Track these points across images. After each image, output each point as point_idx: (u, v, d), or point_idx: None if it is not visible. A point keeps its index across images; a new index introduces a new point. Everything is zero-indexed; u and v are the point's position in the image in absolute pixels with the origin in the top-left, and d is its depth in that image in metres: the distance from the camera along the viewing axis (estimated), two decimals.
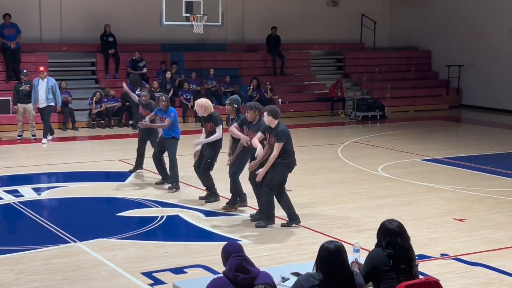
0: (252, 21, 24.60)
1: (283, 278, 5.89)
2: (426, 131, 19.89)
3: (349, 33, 26.28)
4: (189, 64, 22.56)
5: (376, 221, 9.26)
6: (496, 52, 24.09)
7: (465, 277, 7.93)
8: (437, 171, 14.10)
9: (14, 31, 19.76)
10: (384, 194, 11.90)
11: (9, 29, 19.75)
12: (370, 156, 15.56)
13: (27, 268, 8.09)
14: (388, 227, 5.69)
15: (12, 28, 19.78)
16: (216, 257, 8.21)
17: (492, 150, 16.49)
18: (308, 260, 7.63)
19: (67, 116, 18.98)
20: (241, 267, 4.95)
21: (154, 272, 7.96)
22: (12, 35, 19.71)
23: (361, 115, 22.12)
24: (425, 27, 26.55)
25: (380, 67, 25.71)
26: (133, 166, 13.34)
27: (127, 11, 22.48)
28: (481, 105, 24.55)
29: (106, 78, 21.35)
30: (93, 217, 10.57)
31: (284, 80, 23.55)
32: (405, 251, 5.63)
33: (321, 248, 5.23)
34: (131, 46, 21.82)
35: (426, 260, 8.32)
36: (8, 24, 19.77)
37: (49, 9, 21.58)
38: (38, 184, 12.54)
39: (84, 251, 8.75)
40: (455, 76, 25.36)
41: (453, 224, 10.13)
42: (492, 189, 12.38)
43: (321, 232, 9.59)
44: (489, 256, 8.67)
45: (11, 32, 19.73)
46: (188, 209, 10.75)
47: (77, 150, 16.67)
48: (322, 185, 12.58)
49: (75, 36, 21.92)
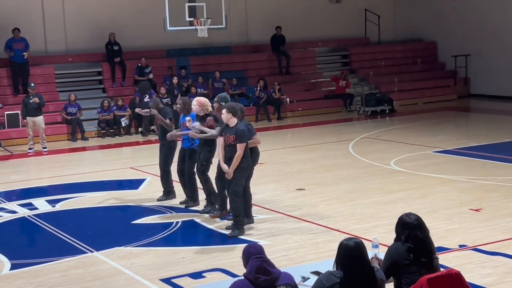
0: (255, 22, 24.59)
1: (304, 277, 5.86)
2: (436, 122, 19.82)
3: (353, 28, 26.24)
4: (195, 69, 22.56)
5: (392, 215, 9.27)
6: (501, 40, 23.98)
7: (485, 267, 7.88)
8: (449, 162, 14.04)
9: (23, 45, 19.84)
10: (398, 188, 11.85)
11: (18, 43, 19.82)
12: (381, 151, 15.51)
13: (46, 281, 8.09)
14: (406, 220, 5.65)
15: (21, 42, 19.86)
16: (234, 259, 8.23)
17: (503, 138, 16.41)
18: (326, 258, 7.63)
19: (75, 126, 19.01)
20: (262, 268, 4.92)
21: (172, 278, 7.94)
22: (21, 49, 19.77)
23: (370, 110, 22.07)
24: (429, 18, 26.46)
25: (386, 61, 25.64)
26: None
27: (131, 18, 22.51)
28: (490, 94, 24.44)
29: (113, 87, 21.37)
30: (108, 226, 10.57)
31: (290, 80, 23.52)
32: (425, 244, 5.59)
33: (340, 245, 5.20)
34: (137, 53, 21.85)
35: (445, 252, 8.27)
36: (18, 38, 19.85)
37: (53, 21, 21.64)
38: (52, 196, 12.54)
39: (102, 260, 8.75)
40: (462, 66, 25.25)
41: (469, 214, 10.08)
42: (507, 177, 12.32)
43: (337, 229, 9.55)
44: (508, 245, 8.61)
45: (20, 46, 19.79)
46: (203, 213, 10.72)
47: (88, 160, 16.69)
48: (335, 182, 12.54)
49: (80, 47, 21.97)
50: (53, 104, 19.82)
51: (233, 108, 9.30)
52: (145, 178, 13.49)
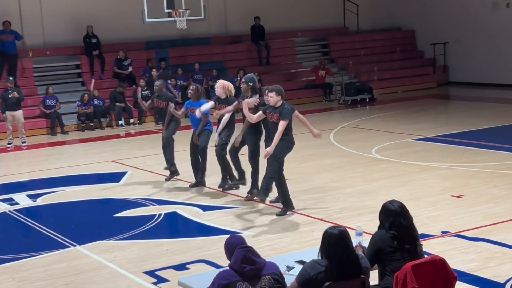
0: (234, 13, 24.51)
1: (288, 267, 5.85)
2: (416, 110, 19.90)
3: (332, 18, 26.24)
4: (174, 60, 22.46)
5: (375, 203, 9.30)
6: (479, 27, 24.10)
7: (468, 253, 7.93)
8: (430, 149, 14.10)
9: (13, 37, 19.68)
10: (380, 176, 11.88)
11: (8, 35, 19.67)
12: (362, 140, 15.55)
13: (29, 276, 8.03)
14: (390, 208, 5.66)
15: (11, 34, 19.71)
16: (217, 251, 8.21)
17: (483, 125, 16.51)
18: (310, 247, 7.64)
19: (55, 120, 18.88)
20: (247, 258, 4.91)
21: (156, 271, 7.92)
22: (11, 41, 19.65)
23: (350, 99, 22.12)
24: (407, 7, 26.53)
25: (365, 50, 25.66)
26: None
27: (109, 11, 22.34)
28: (468, 81, 24.57)
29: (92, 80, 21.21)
30: (90, 219, 10.50)
31: (270, 70, 23.50)
32: (409, 231, 5.61)
33: (324, 234, 5.21)
34: (115, 46, 21.70)
35: (428, 239, 8.31)
36: (8, 30, 19.70)
37: (29, 14, 21.43)
38: (33, 191, 12.44)
39: (84, 254, 8.70)
40: (441, 54, 25.36)
41: (451, 201, 10.13)
42: (487, 163, 12.40)
43: (320, 218, 9.57)
44: (490, 230, 8.67)
45: (10, 39, 19.64)
46: (185, 205, 10.71)
47: (68, 154, 16.58)
48: (317, 172, 12.56)
49: (58, 40, 21.79)
50: (31, 98, 19.64)
51: (281, 90, 9.68)
52: (127, 171, 13.42)
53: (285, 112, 9.53)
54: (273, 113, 9.60)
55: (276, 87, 9.69)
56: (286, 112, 9.54)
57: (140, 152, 15.30)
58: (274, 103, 9.57)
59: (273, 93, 9.57)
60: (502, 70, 23.45)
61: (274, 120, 9.58)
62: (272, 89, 9.64)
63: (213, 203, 10.77)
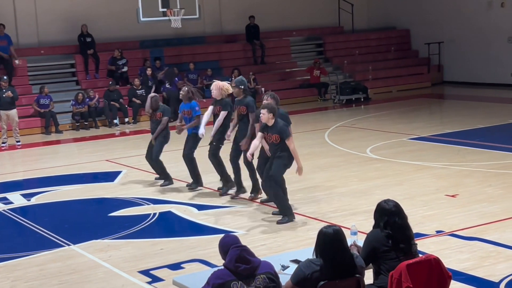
0: (229, 12, 24.49)
1: (283, 266, 5.85)
2: (410, 110, 19.92)
3: (327, 17, 26.24)
4: (169, 59, 22.42)
5: (370, 203, 9.31)
6: (474, 26, 24.12)
7: (462, 252, 7.94)
8: (425, 149, 14.11)
9: (6, 42, 19.65)
10: (374, 176, 11.89)
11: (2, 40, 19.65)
12: (357, 139, 15.56)
13: (23, 275, 8.01)
14: (385, 207, 5.66)
15: (4, 39, 19.67)
16: (212, 250, 8.20)
17: (477, 124, 16.53)
18: (304, 246, 7.63)
19: (49, 119, 18.84)
20: (242, 257, 4.91)
21: (151, 270, 7.91)
22: (4, 46, 19.59)
23: (345, 99, 22.13)
24: (402, 6, 26.55)
25: (360, 49, 25.67)
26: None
27: (104, 10, 22.30)
28: (463, 80, 24.60)
29: (86, 79, 21.20)
30: (85, 219, 10.49)
31: (265, 69, 23.48)
32: (404, 230, 5.61)
33: (319, 233, 5.20)
34: (110, 45, 21.68)
35: (422, 238, 8.32)
36: (2, 35, 19.66)
37: (24, 13, 21.37)
38: (27, 190, 12.41)
39: (79, 253, 8.69)
40: (435, 54, 25.38)
41: (446, 200, 10.15)
42: (482, 163, 12.42)
43: (315, 218, 9.57)
44: (485, 229, 8.69)
45: (3, 44, 19.60)
46: (180, 204, 10.70)
47: (63, 153, 16.54)
48: (312, 171, 12.53)
49: (53, 39, 21.74)
50: (26, 97, 19.59)
51: (273, 108, 9.40)
52: (121, 171, 13.40)
53: (283, 131, 9.34)
54: (271, 134, 9.44)
55: (269, 105, 9.47)
56: (285, 130, 9.35)
57: (134, 152, 15.27)
58: (266, 120, 9.37)
59: (265, 110, 9.35)
60: (497, 69, 23.48)
61: (273, 141, 9.45)
62: (264, 107, 9.44)
63: (208, 202, 10.76)
